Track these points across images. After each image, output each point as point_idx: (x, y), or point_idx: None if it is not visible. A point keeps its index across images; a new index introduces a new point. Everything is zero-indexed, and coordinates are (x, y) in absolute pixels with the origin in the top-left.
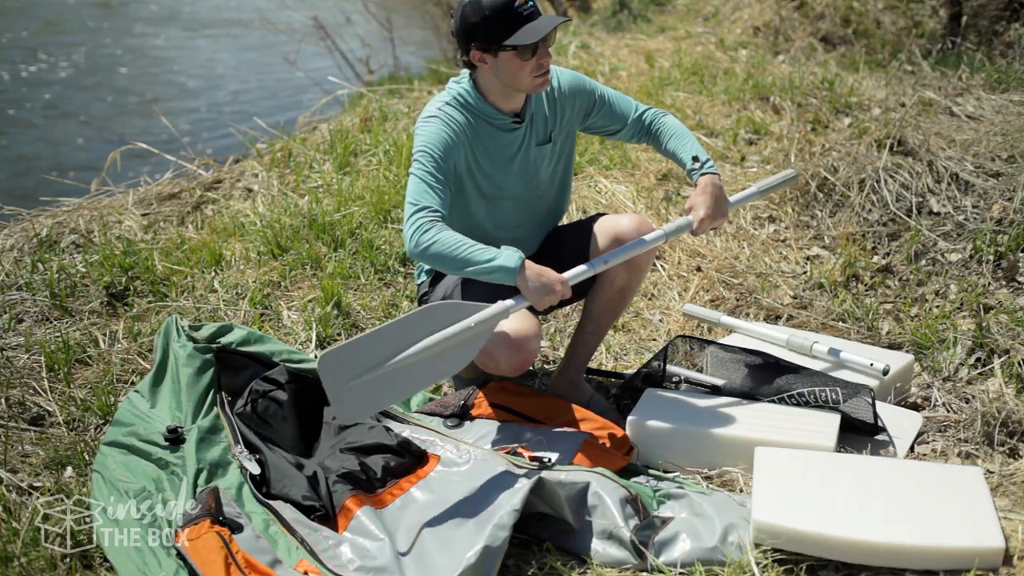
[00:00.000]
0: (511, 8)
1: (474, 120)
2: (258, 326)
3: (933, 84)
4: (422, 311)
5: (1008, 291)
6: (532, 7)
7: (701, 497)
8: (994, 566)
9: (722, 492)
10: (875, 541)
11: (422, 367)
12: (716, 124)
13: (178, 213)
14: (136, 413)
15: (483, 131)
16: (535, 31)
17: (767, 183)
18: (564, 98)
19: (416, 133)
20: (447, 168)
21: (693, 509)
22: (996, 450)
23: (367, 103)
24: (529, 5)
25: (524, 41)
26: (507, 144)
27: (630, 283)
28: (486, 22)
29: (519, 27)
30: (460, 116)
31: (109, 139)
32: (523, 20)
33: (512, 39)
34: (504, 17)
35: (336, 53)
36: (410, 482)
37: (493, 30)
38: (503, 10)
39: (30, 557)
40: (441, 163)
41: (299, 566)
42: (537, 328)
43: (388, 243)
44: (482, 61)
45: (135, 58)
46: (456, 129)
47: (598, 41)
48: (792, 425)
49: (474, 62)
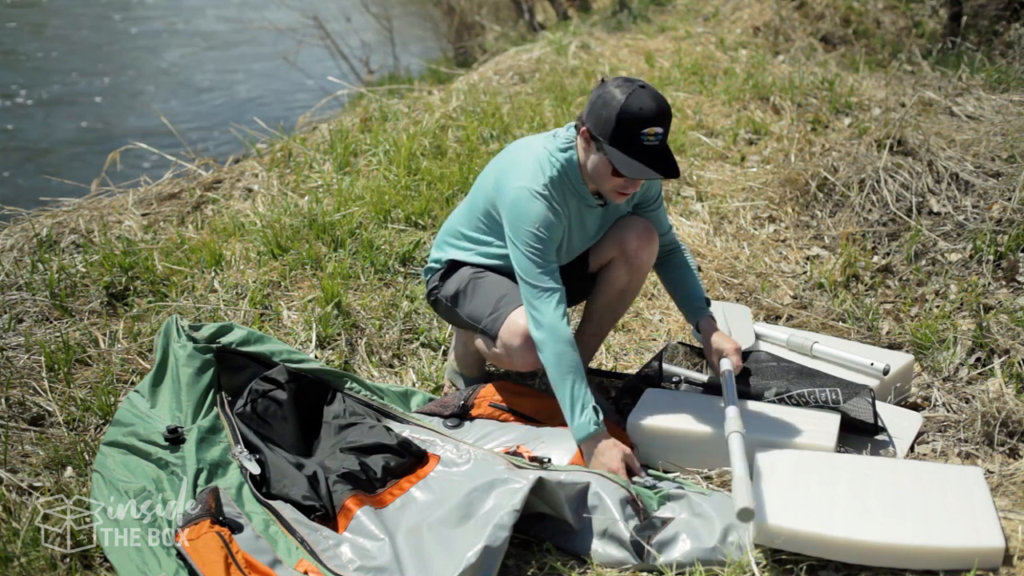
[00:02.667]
0: (637, 132)
1: (571, 199)
2: (258, 326)
3: (933, 84)
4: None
5: (1008, 291)
6: (658, 143)
7: (701, 497)
8: (994, 566)
9: (722, 492)
10: (876, 541)
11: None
12: (716, 124)
13: (178, 213)
14: (136, 413)
15: (573, 208)
16: (639, 171)
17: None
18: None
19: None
20: (554, 245)
21: (693, 510)
22: (996, 450)
23: (367, 103)
24: (655, 139)
25: (623, 170)
26: (589, 219)
27: (630, 284)
28: (612, 123)
29: (630, 153)
30: (563, 199)
31: (109, 139)
32: (640, 150)
33: (615, 157)
34: (627, 133)
35: (336, 53)
36: (410, 482)
37: (611, 133)
38: (630, 127)
39: (30, 557)
40: (551, 244)
41: (299, 566)
42: None
43: (388, 243)
44: (587, 141)
45: (135, 58)
46: (562, 214)
47: (598, 41)
48: (792, 425)
49: (580, 136)
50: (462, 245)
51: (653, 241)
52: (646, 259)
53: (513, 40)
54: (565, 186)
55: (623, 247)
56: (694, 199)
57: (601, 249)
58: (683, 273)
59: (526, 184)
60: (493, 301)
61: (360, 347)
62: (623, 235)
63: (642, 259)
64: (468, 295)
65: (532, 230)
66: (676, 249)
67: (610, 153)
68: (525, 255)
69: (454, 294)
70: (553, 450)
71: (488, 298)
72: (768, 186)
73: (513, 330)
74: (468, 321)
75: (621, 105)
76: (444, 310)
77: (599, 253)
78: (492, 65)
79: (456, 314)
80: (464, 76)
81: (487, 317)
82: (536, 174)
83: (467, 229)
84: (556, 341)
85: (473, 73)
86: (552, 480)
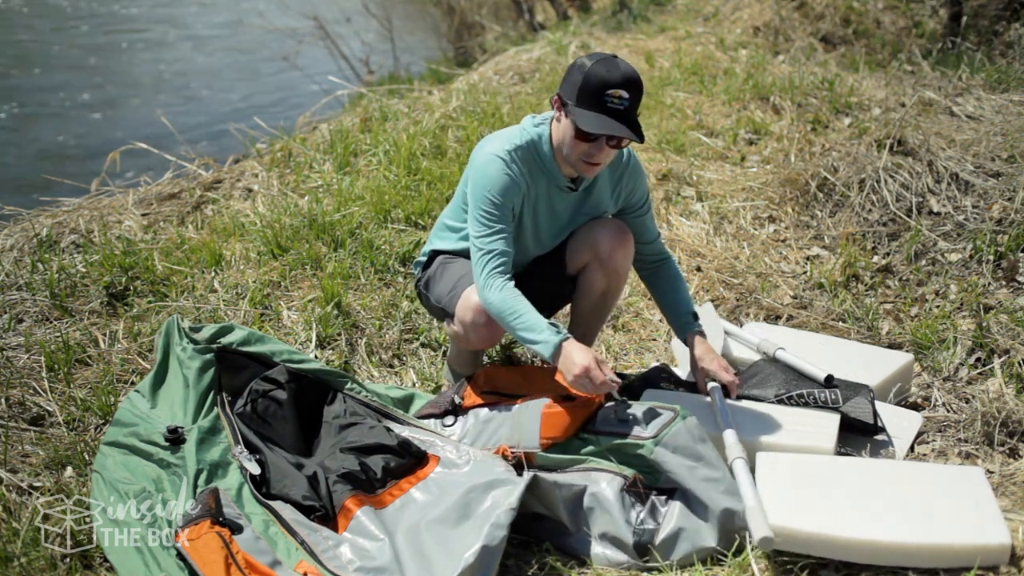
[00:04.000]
0: (602, 92)
1: (539, 175)
2: (258, 326)
3: (933, 84)
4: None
5: (1008, 291)
6: (623, 105)
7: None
8: (997, 563)
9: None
10: (879, 540)
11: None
12: (716, 124)
13: (178, 213)
14: (136, 413)
15: (543, 188)
16: (601, 125)
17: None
18: (627, 175)
19: (478, 167)
20: (507, 211)
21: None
22: (996, 450)
23: (367, 103)
24: (620, 102)
25: (584, 125)
26: (559, 203)
27: (609, 288)
28: (579, 84)
29: (595, 110)
30: (528, 170)
31: (109, 139)
32: (603, 109)
33: (579, 116)
34: (592, 93)
35: (336, 53)
36: (410, 483)
37: (577, 94)
38: (596, 88)
39: (30, 557)
40: (505, 210)
41: (299, 567)
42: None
43: (388, 243)
44: (558, 110)
45: (135, 58)
46: (521, 183)
47: (598, 41)
48: (792, 426)
49: (554, 106)
50: (444, 235)
51: (627, 243)
52: (621, 262)
53: (513, 40)
54: (532, 158)
55: (596, 250)
56: (694, 199)
57: (576, 251)
58: (671, 285)
59: (492, 149)
60: (454, 281)
61: (360, 347)
62: (595, 237)
63: (616, 262)
64: (436, 279)
65: (486, 193)
66: (665, 260)
67: (576, 113)
68: (476, 217)
69: (427, 281)
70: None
71: (451, 279)
72: (768, 186)
73: (464, 304)
74: (436, 305)
75: (589, 68)
76: (423, 299)
77: (574, 255)
78: (492, 65)
79: (429, 300)
80: (464, 76)
81: (446, 296)
82: (504, 142)
83: (450, 220)
84: (493, 294)
85: (473, 73)
86: (548, 480)
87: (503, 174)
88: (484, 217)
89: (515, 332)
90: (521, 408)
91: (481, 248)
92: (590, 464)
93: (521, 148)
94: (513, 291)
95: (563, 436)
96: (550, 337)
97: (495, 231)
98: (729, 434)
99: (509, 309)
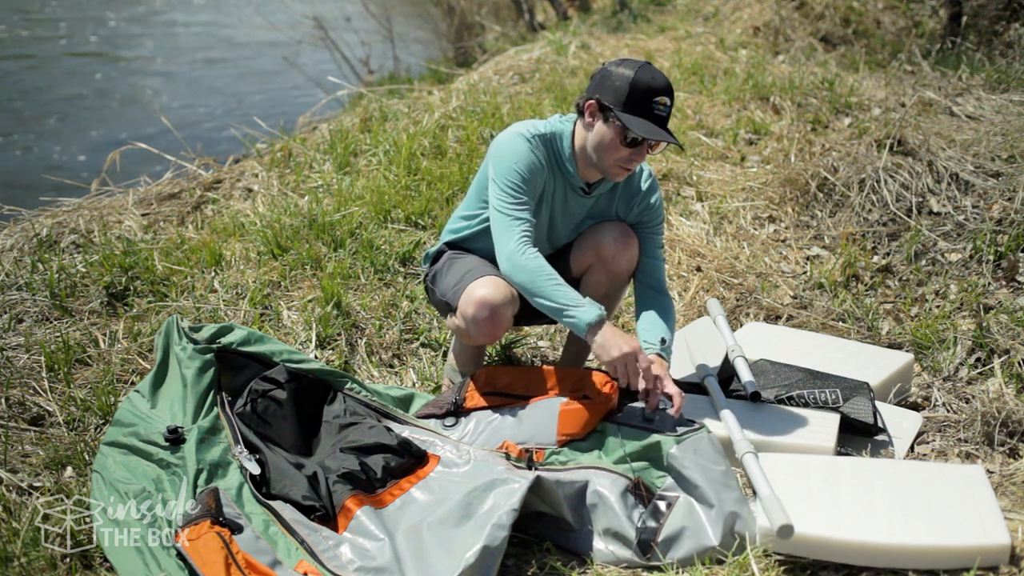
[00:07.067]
0: (649, 99)
1: (557, 171)
2: (258, 326)
3: (933, 84)
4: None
5: (1008, 291)
6: (665, 113)
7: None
8: (998, 563)
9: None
10: (880, 542)
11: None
12: (716, 124)
13: (178, 213)
14: (136, 413)
15: (559, 184)
16: (649, 130)
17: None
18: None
19: (502, 145)
20: (531, 188)
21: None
22: (996, 450)
23: (367, 103)
24: (664, 109)
25: (635, 128)
26: (574, 204)
27: (612, 290)
28: (624, 91)
29: (642, 116)
30: (548, 161)
31: (109, 139)
32: (649, 115)
33: (629, 121)
34: (639, 99)
35: (336, 53)
36: (410, 482)
37: (623, 100)
38: (643, 95)
39: (30, 557)
40: (529, 187)
41: (299, 567)
42: (511, 296)
43: (388, 243)
44: (592, 115)
45: (135, 58)
46: (544, 168)
47: (598, 41)
48: (792, 426)
49: (585, 110)
50: (459, 225)
51: (631, 247)
52: (624, 266)
53: (513, 40)
54: (552, 151)
55: (600, 253)
56: (694, 199)
57: (580, 253)
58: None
59: (517, 129)
60: (460, 275)
61: (360, 347)
62: (600, 240)
63: (620, 266)
64: (443, 273)
65: (512, 165)
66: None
67: (624, 119)
68: (502, 188)
69: (434, 275)
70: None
71: (457, 274)
72: (768, 186)
73: (468, 299)
74: (441, 300)
75: (634, 75)
76: (429, 293)
77: (579, 257)
78: (492, 65)
79: (435, 294)
80: (464, 76)
81: (451, 290)
82: (529, 126)
83: (466, 210)
84: (528, 259)
85: (473, 73)
86: (551, 479)
87: (529, 152)
88: (511, 188)
89: (546, 296)
90: (533, 407)
91: (509, 215)
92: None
93: (544, 137)
94: (541, 263)
95: (582, 433)
96: (592, 309)
97: (522, 202)
98: (736, 433)
99: (547, 273)
